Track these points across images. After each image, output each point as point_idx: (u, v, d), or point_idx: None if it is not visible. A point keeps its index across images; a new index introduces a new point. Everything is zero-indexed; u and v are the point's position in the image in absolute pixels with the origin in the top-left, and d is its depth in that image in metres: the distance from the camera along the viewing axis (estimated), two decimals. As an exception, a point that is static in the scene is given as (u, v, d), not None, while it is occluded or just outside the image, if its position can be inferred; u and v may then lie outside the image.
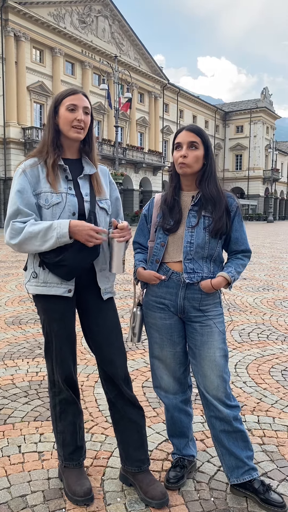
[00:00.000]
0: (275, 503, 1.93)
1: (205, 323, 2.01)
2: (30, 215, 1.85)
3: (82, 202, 1.93)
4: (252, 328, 4.93)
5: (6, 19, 29.28)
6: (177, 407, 2.16)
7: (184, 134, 1.96)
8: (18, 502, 1.97)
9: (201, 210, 1.98)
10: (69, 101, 1.89)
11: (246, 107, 59.17)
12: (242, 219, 2.08)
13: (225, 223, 1.97)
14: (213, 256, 2.00)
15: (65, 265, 1.84)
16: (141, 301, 2.16)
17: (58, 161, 1.90)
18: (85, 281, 1.98)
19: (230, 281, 1.97)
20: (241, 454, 2.01)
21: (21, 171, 1.89)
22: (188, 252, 1.97)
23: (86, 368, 3.59)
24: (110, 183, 2.11)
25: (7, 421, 2.71)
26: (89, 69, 36.18)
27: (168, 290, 2.03)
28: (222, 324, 2.05)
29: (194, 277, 1.97)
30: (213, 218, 1.96)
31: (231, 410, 2.00)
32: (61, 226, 1.79)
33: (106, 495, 2.02)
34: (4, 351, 4.04)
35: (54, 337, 1.97)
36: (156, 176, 43.99)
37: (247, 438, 2.05)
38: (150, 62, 42.61)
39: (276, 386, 3.27)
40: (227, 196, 2.02)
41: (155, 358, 2.13)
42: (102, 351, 2.02)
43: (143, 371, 3.54)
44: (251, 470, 2.01)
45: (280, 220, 63.94)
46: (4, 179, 29.90)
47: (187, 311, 2.02)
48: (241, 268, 2.05)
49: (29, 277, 1.95)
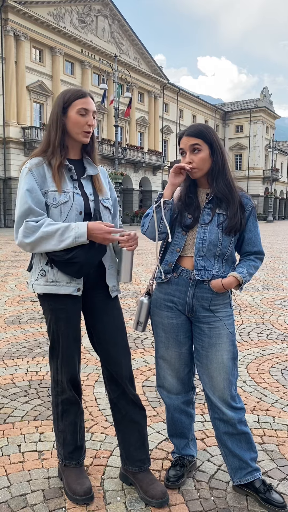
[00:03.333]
0: (276, 503, 1.93)
1: (214, 325, 1.97)
2: (42, 214, 1.85)
3: (88, 201, 1.94)
4: (252, 327, 4.93)
5: (5, 19, 29.28)
6: (178, 408, 2.15)
7: (185, 140, 1.93)
8: (18, 501, 1.97)
9: (215, 208, 1.95)
10: (81, 104, 1.89)
11: (246, 106, 59.16)
12: (257, 220, 2.04)
13: (239, 220, 1.93)
14: (226, 255, 1.97)
15: (76, 262, 1.84)
16: (150, 290, 2.13)
17: (64, 162, 1.91)
18: (93, 279, 1.98)
19: (241, 282, 1.94)
20: (244, 456, 2.00)
21: (28, 170, 1.89)
22: (200, 249, 1.94)
23: (86, 368, 3.59)
24: (109, 184, 2.13)
25: (7, 420, 2.71)
26: (89, 69, 36.18)
27: (178, 288, 2.00)
28: (232, 325, 2.01)
29: (204, 274, 1.94)
30: (227, 215, 1.94)
31: (236, 413, 1.98)
32: (79, 227, 1.80)
33: (106, 494, 2.02)
34: (4, 351, 4.04)
35: (61, 336, 1.96)
36: (156, 175, 43.99)
37: (251, 440, 2.04)
38: (149, 61, 42.61)
39: (276, 386, 3.27)
40: (242, 196, 1.99)
41: (160, 357, 2.12)
42: (107, 350, 2.01)
43: (143, 371, 3.54)
44: (254, 471, 2.01)
45: (279, 219, 63.93)
46: (3, 179, 29.88)
47: (195, 310, 1.99)
48: (253, 270, 2.01)
49: (37, 276, 1.93)
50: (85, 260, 1.85)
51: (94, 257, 1.89)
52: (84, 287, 1.96)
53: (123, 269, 1.95)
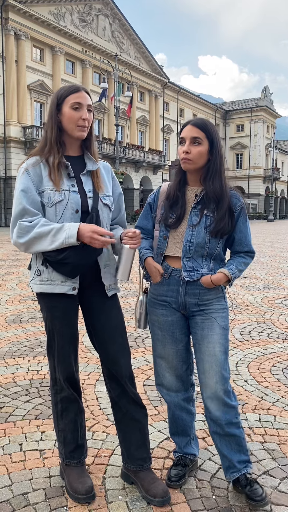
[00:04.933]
0: (255, 497, 1.92)
1: (207, 317, 1.99)
2: (36, 214, 1.85)
3: (86, 199, 1.92)
4: (253, 326, 4.93)
5: (6, 18, 29.24)
6: (178, 405, 2.15)
7: (188, 129, 1.92)
8: (20, 500, 1.97)
9: (203, 209, 1.95)
10: (74, 99, 1.87)
11: (246, 106, 59.08)
12: (247, 220, 2.03)
13: (227, 223, 1.93)
14: (214, 255, 1.98)
15: (68, 263, 1.84)
16: (148, 288, 2.14)
17: (61, 160, 1.90)
18: (89, 278, 1.97)
19: (230, 278, 1.95)
20: (233, 458, 2.00)
21: (24, 170, 1.88)
22: (187, 251, 1.95)
23: (87, 367, 3.59)
24: (113, 179, 2.10)
25: (8, 419, 2.71)
26: (90, 68, 36.13)
27: (170, 288, 2.02)
28: (225, 319, 2.01)
29: (194, 274, 1.96)
30: (214, 217, 1.93)
31: (225, 413, 1.96)
32: (71, 228, 1.79)
33: (107, 493, 2.02)
34: (5, 350, 4.04)
35: (56, 335, 1.96)
36: (157, 175, 43.95)
37: (242, 443, 2.01)
38: (150, 60, 42.55)
39: (277, 385, 3.27)
40: (231, 195, 1.98)
41: (157, 356, 2.13)
42: (106, 349, 2.01)
43: (144, 370, 3.53)
44: (242, 470, 2.00)
45: (280, 219, 63.90)
46: (4, 178, 29.88)
47: (188, 307, 2.01)
48: (243, 266, 2.02)
49: (33, 275, 1.95)
50: (77, 261, 1.84)
51: (87, 257, 1.88)
52: (81, 286, 1.96)
53: (122, 266, 1.92)
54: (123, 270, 1.93)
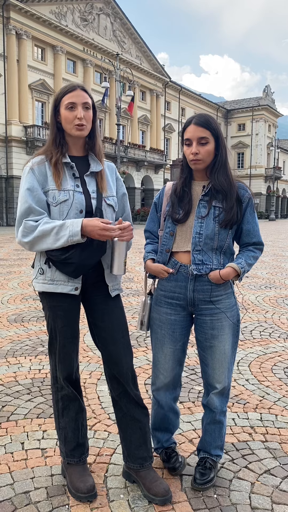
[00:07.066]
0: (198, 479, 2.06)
1: (216, 316, 1.98)
2: (42, 213, 1.85)
3: (89, 199, 1.92)
4: (254, 326, 4.93)
5: (7, 17, 29.25)
6: (167, 404, 2.17)
7: (192, 129, 1.89)
8: (22, 499, 1.98)
9: (211, 200, 1.94)
10: (68, 99, 1.87)
11: (248, 105, 59.01)
12: (255, 211, 2.03)
13: (236, 213, 1.93)
14: (223, 248, 1.96)
15: (72, 263, 1.84)
16: (152, 290, 2.14)
17: (63, 160, 1.90)
18: (92, 278, 1.97)
19: (239, 272, 1.93)
20: (211, 443, 2.14)
21: (29, 169, 1.89)
22: (197, 243, 1.93)
23: (89, 366, 3.60)
24: (117, 180, 2.10)
25: (10, 418, 2.72)
26: (91, 67, 36.12)
27: (177, 284, 2.00)
28: (236, 315, 2.03)
29: (202, 268, 1.93)
30: (223, 208, 1.92)
31: (222, 403, 2.09)
32: (73, 225, 1.78)
33: (109, 492, 2.03)
34: (7, 349, 4.05)
35: (58, 334, 1.97)
36: (158, 174, 43.94)
37: (222, 431, 2.16)
38: (152, 60, 42.52)
39: (278, 384, 3.27)
40: (239, 187, 1.98)
41: (155, 355, 2.14)
42: (108, 348, 2.01)
43: (146, 369, 3.54)
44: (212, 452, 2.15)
45: (282, 218, 63.81)
46: (6, 177, 29.91)
47: (197, 304, 2.00)
48: (253, 260, 2.01)
49: (36, 274, 1.96)
50: (80, 261, 1.84)
51: (91, 257, 1.87)
52: (83, 286, 1.96)
53: (116, 261, 1.89)
54: (118, 264, 1.90)
